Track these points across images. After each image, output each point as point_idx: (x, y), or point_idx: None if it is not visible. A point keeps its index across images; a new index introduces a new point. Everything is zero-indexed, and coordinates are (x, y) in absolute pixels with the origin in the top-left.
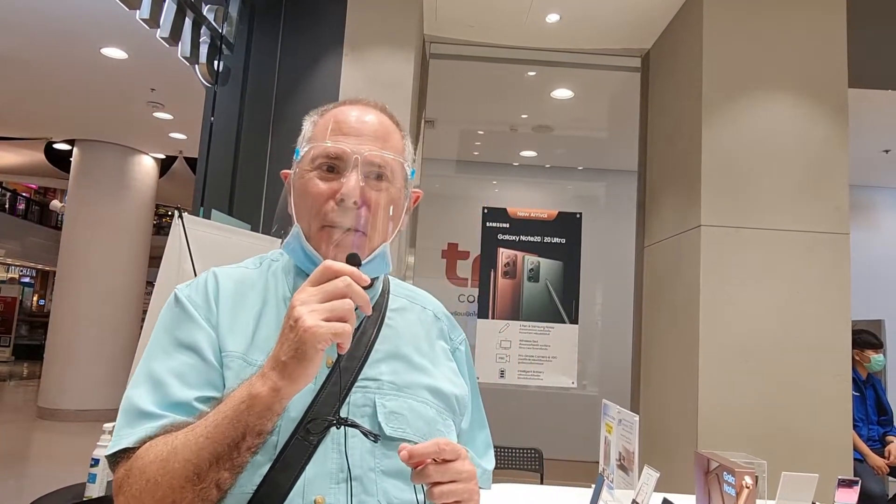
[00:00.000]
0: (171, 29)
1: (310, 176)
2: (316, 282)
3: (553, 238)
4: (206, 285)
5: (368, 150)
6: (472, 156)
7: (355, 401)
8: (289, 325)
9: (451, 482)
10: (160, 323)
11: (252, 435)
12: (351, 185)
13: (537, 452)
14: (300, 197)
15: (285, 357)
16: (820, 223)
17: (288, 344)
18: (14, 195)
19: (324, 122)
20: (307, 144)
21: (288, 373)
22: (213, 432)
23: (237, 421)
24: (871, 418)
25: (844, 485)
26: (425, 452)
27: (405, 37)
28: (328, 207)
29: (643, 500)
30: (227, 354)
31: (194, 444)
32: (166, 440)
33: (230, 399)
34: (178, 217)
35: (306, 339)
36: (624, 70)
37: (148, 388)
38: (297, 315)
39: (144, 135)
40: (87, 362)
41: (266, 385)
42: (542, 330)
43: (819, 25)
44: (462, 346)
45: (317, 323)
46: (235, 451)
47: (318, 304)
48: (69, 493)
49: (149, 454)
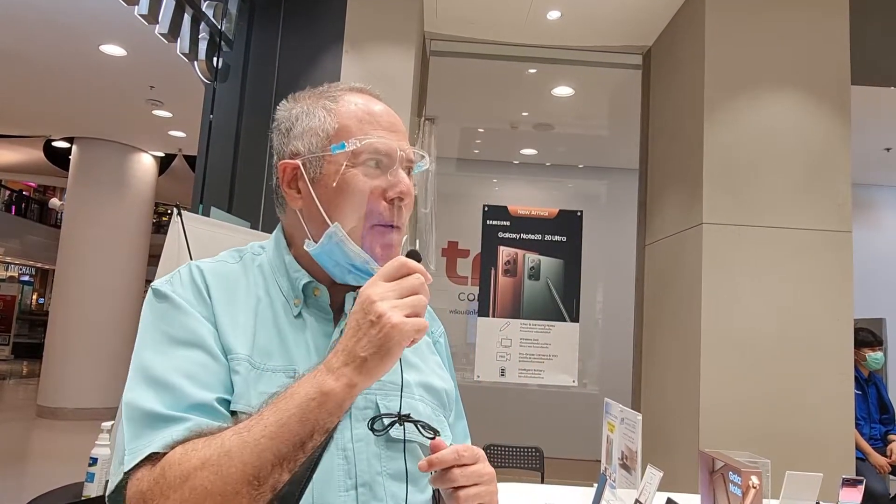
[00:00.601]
0: (170, 25)
1: (352, 172)
2: (390, 277)
3: (554, 236)
4: (194, 280)
5: (409, 148)
6: (472, 154)
7: (356, 403)
8: (369, 321)
9: (473, 485)
10: (145, 322)
11: (320, 433)
12: (408, 183)
13: (538, 451)
14: (341, 193)
15: (365, 353)
16: (822, 221)
17: (369, 339)
18: (13, 193)
19: (350, 114)
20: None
21: (367, 368)
22: (279, 431)
23: (305, 419)
24: (873, 417)
25: (849, 484)
26: (445, 461)
27: (406, 34)
28: (380, 206)
29: (646, 500)
30: (233, 357)
31: (255, 445)
32: (210, 443)
33: (292, 396)
34: (177, 214)
35: (393, 335)
36: (625, 67)
37: (153, 391)
38: (380, 310)
39: (143, 133)
40: (86, 361)
41: (340, 381)
42: (543, 328)
43: (821, 22)
44: (442, 338)
45: (402, 320)
46: (300, 451)
47: (399, 299)
48: (68, 492)
49: (191, 460)
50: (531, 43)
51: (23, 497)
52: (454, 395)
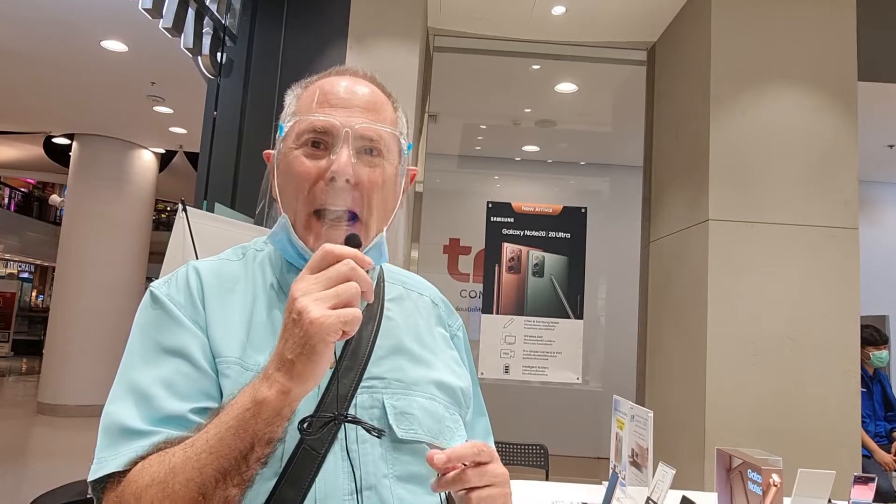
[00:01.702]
0: (173, 20)
1: (295, 154)
2: (316, 268)
3: (558, 233)
4: (188, 282)
5: (360, 123)
6: (474, 150)
7: (362, 402)
8: (292, 319)
9: (487, 486)
10: (137, 327)
11: (261, 444)
12: (343, 161)
13: (542, 448)
14: (285, 178)
15: (291, 355)
16: (829, 218)
17: (293, 340)
18: (13, 190)
19: (308, 94)
20: (290, 118)
21: (296, 372)
22: (217, 445)
23: (243, 430)
24: (878, 414)
25: (860, 482)
26: (463, 455)
27: (410, 29)
28: (318, 188)
29: (658, 498)
30: (223, 360)
31: (196, 460)
32: (161, 459)
33: (232, 407)
34: (181, 210)
35: (313, 331)
36: (629, 63)
37: (131, 402)
38: (300, 307)
39: (144, 129)
40: (86, 357)
41: (273, 388)
42: (547, 325)
43: (828, 17)
44: (460, 332)
45: (323, 313)
46: (244, 464)
47: (322, 291)
48: (73, 489)
49: (143, 477)
50: (535, 39)
51: (23, 494)
52: (471, 394)
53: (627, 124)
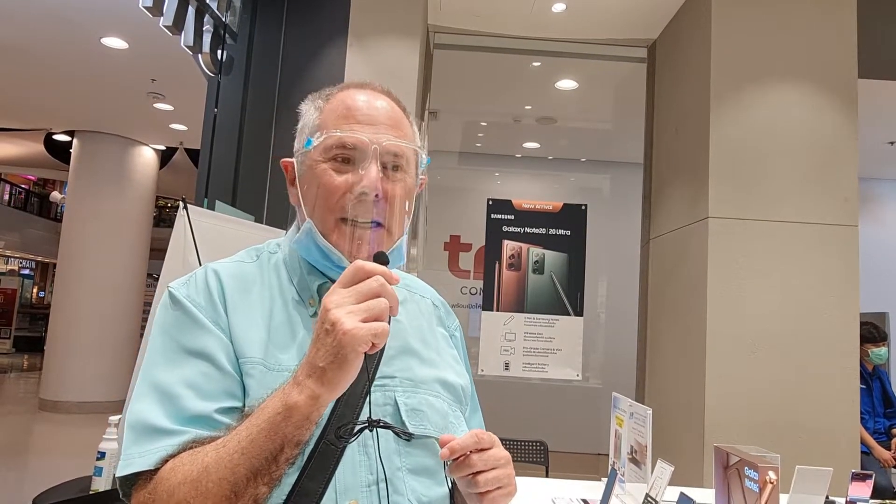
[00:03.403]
0: (174, 18)
1: (322, 167)
2: (348, 282)
3: (558, 230)
4: (208, 284)
5: (387, 140)
6: (474, 147)
7: (376, 400)
8: (324, 329)
9: (492, 469)
10: (158, 327)
11: (290, 446)
12: (372, 178)
13: (542, 445)
14: (311, 189)
15: (323, 363)
16: (829, 215)
17: (325, 349)
18: (13, 187)
19: (332, 109)
20: (319, 133)
21: (327, 379)
22: (249, 447)
23: (274, 433)
24: (877, 411)
25: (858, 478)
26: (465, 445)
27: (410, 27)
28: (346, 201)
29: (657, 495)
30: (246, 361)
31: (228, 460)
32: (193, 458)
33: (263, 410)
34: (182, 208)
35: (346, 342)
36: (630, 60)
37: (156, 401)
38: (333, 318)
39: (145, 126)
40: (88, 354)
41: (304, 394)
42: (547, 322)
43: (829, 14)
44: (457, 332)
45: (356, 325)
46: (273, 465)
47: (354, 305)
48: (76, 485)
49: (175, 475)
50: (535, 36)
51: (25, 490)
52: (469, 392)
53: (628, 121)
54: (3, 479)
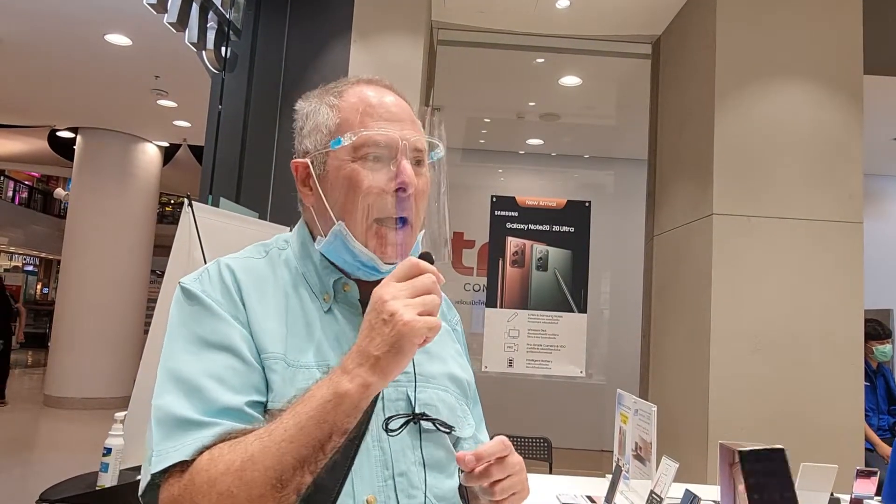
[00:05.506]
0: (178, 14)
1: (353, 167)
2: (403, 277)
3: (562, 227)
4: (223, 278)
5: (413, 136)
6: (478, 144)
7: (388, 395)
8: (381, 320)
9: (507, 476)
10: (175, 321)
11: (338, 434)
12: (409, 173)
13: (546, 441)
14: (341, 191)
15: (378, 352)
16: (834, 212)
17: (381, 338)
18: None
19: (352, 106)
20: (348, 133)
21: (381, 367)
22: (298, 434)
23: (323, 420)
24: (881, 407)
25: (863, 475)
26: (493, 453)
27: (414, 23)
28: (382, 200)
29: (662, 491)
30: (269, 356)
31: (276, 449)
32: (234, 448)
33: (311, 399)
34: (187, 205)
35: (406, 332)
36: (633, 57)
37: (181, 394)
38: (392, 309)
39: (148, 122)
40: (92, 350)
41: (355, 382)
42: (551, 319)
43: (834, 10)
44: (458, 326)
45: (414, 318)
46: (321, 453)
47: (410, 298)
48: (81, 481)
49: (216, 465)
50: (539, 32)
51: (30, 485)
52: (473, 386)
53: (632, 118)
54: (8, 474)
